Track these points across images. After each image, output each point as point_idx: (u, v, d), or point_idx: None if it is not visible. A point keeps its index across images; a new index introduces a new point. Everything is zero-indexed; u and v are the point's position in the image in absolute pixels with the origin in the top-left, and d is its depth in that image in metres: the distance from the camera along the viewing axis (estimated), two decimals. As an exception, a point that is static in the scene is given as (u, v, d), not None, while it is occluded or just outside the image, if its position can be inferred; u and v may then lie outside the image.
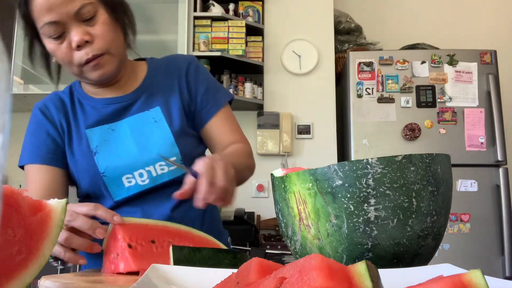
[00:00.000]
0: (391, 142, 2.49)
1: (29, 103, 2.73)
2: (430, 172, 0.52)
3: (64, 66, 0.99)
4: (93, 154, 0.98)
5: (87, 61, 0.93)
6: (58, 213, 0.45)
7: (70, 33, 0.91)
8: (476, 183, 2.42)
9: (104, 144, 0.99)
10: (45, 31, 0.91)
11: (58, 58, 0.95)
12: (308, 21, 2.89)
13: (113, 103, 1.03)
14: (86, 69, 0.95)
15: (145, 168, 0.97)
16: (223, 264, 0.66)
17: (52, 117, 1.03)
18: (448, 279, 0.29)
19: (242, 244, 2.21)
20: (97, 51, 0.93)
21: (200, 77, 1.09)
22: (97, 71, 0.95)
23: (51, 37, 0.91)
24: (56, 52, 0.93)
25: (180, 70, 1.08)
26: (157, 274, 0.43)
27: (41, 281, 0.51)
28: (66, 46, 0.92)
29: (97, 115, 1.02)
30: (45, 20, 0.89)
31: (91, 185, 0.98)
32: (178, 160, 0.99)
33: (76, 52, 0.92)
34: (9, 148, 0.24)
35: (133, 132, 1.00)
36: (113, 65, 0.97)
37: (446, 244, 2.37)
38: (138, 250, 0.67)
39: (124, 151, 0.98)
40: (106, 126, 1.01)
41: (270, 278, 0.32)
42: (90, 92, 1.06)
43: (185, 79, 1.07)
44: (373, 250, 0.51)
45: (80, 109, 1.04)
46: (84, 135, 1.00)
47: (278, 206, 0.59)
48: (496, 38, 3.18)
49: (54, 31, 0.90)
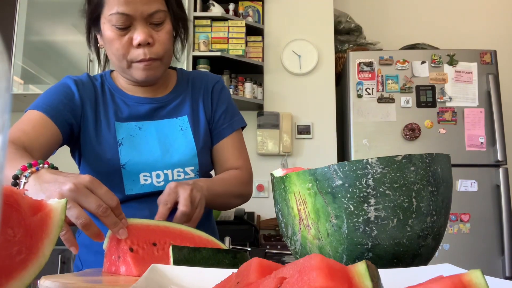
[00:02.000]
0: (391, 142, 2.49)
1: (29, 103, 2.73)
2: (430, 172, 0.52)
3: (112, 56, 0.99)
4: (118, 145, 0.99)
5: (141, 61, 0.96)
6: (58, 213, 0.45)
7: (136, 30, 0.94)
8: (476, 183, 2.42)
9: (130, 139, 1.01)
10: (113, 19, 0.93)
11: (113, 48, 0.96)
12: (308, 21, 2.89)
13: (145, 103, 1.05)
14: (135, 67, 0.97)
15: (163, 171, 1.00)
16: (223, 264, 0.65)
17: (83, 94, 1.03)
18: (448, 279, 0.29)
19: (242, 244, 2.21)
20: (154, 55, 0.96)
21: (222, 97, 1.14)
22: (146, 72, 0.98)
23: (115, 26, 0.93)
24: (114, 41, 0.95)
25: (207, 86, 1.13)
26: (157, 274, 0.43)
27: (41, 281, 0.51)
28: (127, 40, 0.94)
29: (127, 111, 1.04)
30: (119, 10, 0.92)
31: (107, 173, 0.98)
32: (196, 170, 1.03)
33: (135, 49, 0.95)
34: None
35: (159, 135, 1.03)
36: (160, 71, 1.01)
37: (446, 244, 2.37)
38: (139, 254, 0.67)
39: (148, 150, 1.00)
40: (134, 123, 1.03)
41: (270, 278, 0.32)
42: (122, 87, 1.08)
43: (210, 96, 1.12)
44: (373, 250, 0.51)
45: (110, 100, 1.05)
46: (113, 126, 1.01)
47: (278, 206, 0.59)
48: (496, 38, 3.18)
49: (122, 22, 0.93)
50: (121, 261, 0.66)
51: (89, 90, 1.04)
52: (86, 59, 2.56)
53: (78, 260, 1.03)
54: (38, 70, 2.64)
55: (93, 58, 2.57)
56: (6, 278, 0.38)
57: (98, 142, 1.00)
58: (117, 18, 0.93)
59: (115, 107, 1.04)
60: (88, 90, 1.04)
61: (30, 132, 0.91)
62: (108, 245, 0.70)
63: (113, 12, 0.92)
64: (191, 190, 0.83)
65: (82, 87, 1.04)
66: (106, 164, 0.98)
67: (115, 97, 1.06)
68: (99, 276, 0.63)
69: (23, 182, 0.69)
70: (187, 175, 1.03)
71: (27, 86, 2.58)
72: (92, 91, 1.05)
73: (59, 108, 0.97)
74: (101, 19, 0.97)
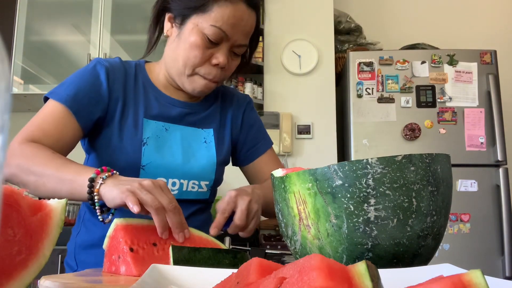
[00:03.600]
0: (391, 142, 2.49)
1: (29, 103, 2.73)
2: (430, 172, 0.52)
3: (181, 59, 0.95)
4: (142, 144, 0.96)
5: (207, 78, 0.96)
6: (58, 213, 0.45)
7: (221, 50, 0.94)
8: (476, 183, 2.42)
9: (155, 140, 0.98)
10: (210, 31, 0.91)
11: (191, 53, 0.93)
12: (308, 21, 2.89)
13: (176, 106, 1.03)
14: (197, 80, 0.97)
15: (180, 180, 0.99)
16: (223, 264, 0.65)
17: (113, 83, 0.98)
18: (448, 279, 0.29)
19: (242, 244, 2.20)
20: (219, 79, 0.98)
21: (255, 117, 1.18)
22: (200, 88, 0.97)
23: (207, 37, 0.92)
24: (196, 48, 0.93)
25: (239, 105, 1.14)
26: (157, 274, 0.43)
27: (41, 281, 0.51)
28: (208, 54, 0.94)
29: (158, 109, 1.01)
30: (222, 27, 0.91)
31: (122, 170, 0.93)
32: (209, 186, 1.04)
33: (210, 66, 0.95)
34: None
35: (183, 142, 1.01)
36: (210, 91, 1.01)
37: (446, 244, 2.37)
38: (139, 254, 0.67)
39: (170, 155, 0.98)
40: (161, 123, 1.00)
41: (270, 278, 0.32)
42: (157, 82, 1.04)
43: (241, 116, 1.14)
44: (373, 250, 0.51)
45: (142, 94, 1.02)
46: (141, 122, 0.98)
47: (278, 206, 0.59)
48: (496, 38, 3.18)
49: (216, 38, 0.92)
50: (121, 261, 0.66)
51: (120, 80, 0.99)
52: (86, 59, 2.56)
53: (73, 260, 1.00)
54: (38, 70, 2.64)
55: (93, 58, 2.57)
56: (6, 278, 0.38)
57: (120, 137, 0.96)
58: (216, 33, 0.92)
59: (146, 102, 1.01)
60: (119, 80, 0.99)
61: (51, 133, 0.89)
62: (109, 245, 0.70)
63: (216, 25, 0.91)
64: (249, 201, 0.84)
65: (113, 75, 0.98)
66: (125, 162, 0.94)
67: (148, 92, 1.02)
68: (99, 276, 0.63)
69: (100, 183, 0.74)
70: (201, 188, 1.02)
71: (27, 86, 2.58)
72: (123, 81, 1.00)
73: (83, 102, 0.92)
74: (194, 18, 0.93)
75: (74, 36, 2.69)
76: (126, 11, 2.70)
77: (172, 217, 0.71)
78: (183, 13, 0.95)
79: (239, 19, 0.92)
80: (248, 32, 0.96)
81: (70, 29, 2.69)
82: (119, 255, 0.67)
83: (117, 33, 2.67)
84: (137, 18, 2.76)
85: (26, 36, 2.62)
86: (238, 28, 0.93)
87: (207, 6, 0.91)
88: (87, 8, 2.62)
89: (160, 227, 0.70)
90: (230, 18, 0.91)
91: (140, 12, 2.74)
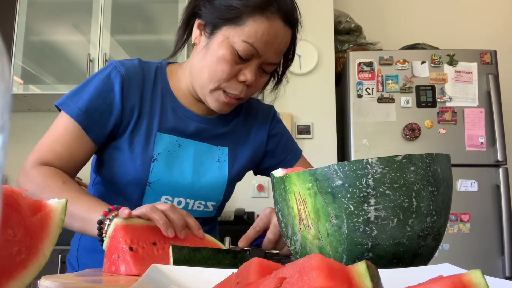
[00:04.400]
0: (391, 142, 2.49)
1: (29, 103, 2.73)
2: (430, 172, 0.52)
3: (207, 71, 0.89)
4: (151, 160, 0.92)
5: (228, 94, 0.90)
6: (58, 213, 0.45)
7: (249, 67, 0.88)
8: (476, 183, 2.42)
9: (166, 156, 0.93)
10: (241, 46, 0.85)
11: (219, 67, 0.87)
12: (308, 21, 2.87)
13: (194, 120, 0.98)
14: (219, 95, 0.91)
15: (186, 199, 0.96)
16: (223, 264, 0.65)
17: (128, 93, 0.92)
18: (448, 279, 0.29)
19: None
20: (244, 96, 0.92)
21: (282, 128, 1.13)
22: (224, 106, 0.93)
23: (237, 52, 0.86)
24: (225, 63, 0.86)
25: (264, 120, 1.10)
26: (157, 274, 0.43)
27: (41, 281, 0.51)
28: (236, 70, 0.88)
29: (174, 122, 0.96)
30: (255, 44, 0.85)
31: (128, 185, 0.92)
32: (216, 206, 1.02)
33: (236, 82, 0.89)
34: (9, 148, 0.24)
35: (195, 158, 0.97)
36: (231, 109, 0.96)
37: (446, 244, 2.37)
38: (139, 253, 0.67)
39: (180, 173, 0.94)
40: (176, 137, 0.95)
41: (270, 278, 0.32)
42: (177, 89, 0.99)
43: (268, 128, 1.09)
44: (373, 250, 0.51)
45: (159, 104, 0.96)
46: (154, 136, 0.93)
47: (278, 206, 0.59)
48: (496, 38, 3.18)
49: (246, 55, 0.86)
50: (120, 260, 0.66)
51: (136, 88, 0.93)
52: (86, 59, 2.56)
53: (75, 260, 1.00)
54: (38, 70, 2.64)
55: (93, 58, 2.57)
56: (6, 278, 0.38)
57: (130, 151, 0.91)
58: (247, 49, 0.85)
59: (162, 114, 0.95)
60: (134, 89, 0.93)
61: (63, 155, 0.88)
62: (109, 244, 0.70)
63: (247, 41, 0.85)
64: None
65: (128, 85, 0.92)
66: (132, 177, 0.91)
67: (166, 102, 0.96)
68: (99, 276, 0.63)
69: (107, 224, 0.74)
70: (207, 208, 1.00)
71: (27, 86, 2.58)
72: (140, 89, 0.94)
73: (94, 116, 0.89)
74: (226, 29, 0.87)
75: (74, 36, 2.69)
76: (126, 11, 2.70)
77: (171, 215, 0.72)
78: (214, 23, 0.88)
79: (273, 37, 0.86)
80: (281, 50, 0.90)
81: (70, 29, 2.69)
82: (119, 255, 0.67)
83: (117, 33, 2.67)
84: (137, 18, 2.76)
85: (26, 36, 2.62)
86: (272, 46, 0.87)
87: (241, 19, 0.85)
88: (87, 8, 2.62)
89: (163, 226, 0.71)
90: (264, 36, 0.85)
91: (140, 12, 2.74)
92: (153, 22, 2.77)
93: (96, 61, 2.56)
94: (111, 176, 0.94)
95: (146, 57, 1.08)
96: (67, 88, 2.58)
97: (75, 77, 2.61)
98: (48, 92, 2.58)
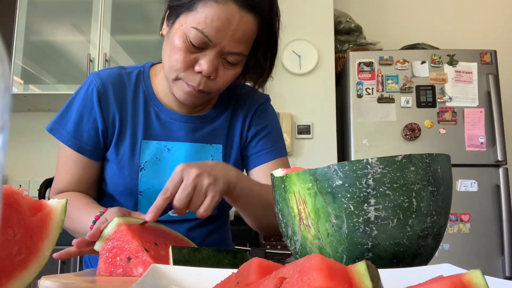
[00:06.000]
0: (391, 142, 2.49)
1: (29, 103, 2.73)
2: (430, 172, 0.52)
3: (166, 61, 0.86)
4: (139, 169, 0.91)
5: (190, 86, 0.85)
6: (58, 213, 0.45)
7: (206, 57, 0.82)
8: (476, 183, 2.42)
9: (154, 163, 0.91)
10: (192, 33, 0.80)
11: (173, 56, 0.83)
12: (308, 21, 2.88)
13: (179, 121, 0.95)
14: (180, 85, 0.86)
15: None
16: (223, 264, 0.65)
17: (107, 105, 0.92)
18: (448, 279, 0.29)
19: (242, 244, 2.20)
20: (207, 89, 0.85)
21: (265, 119, 1.03)
22: (186, 97, 0.87)
23: (189, 40, 0.81)
24: (177, 52, 0.82)
25: (250, 107, 1.02)
26: (157, 274, 0.43)
27: (41, 281, 0.51)
28: (191, 59, 0.82)
29: (159, 127, 0.93)
30: (204, 31, 0.79)
31: (121, 194, 0.93)
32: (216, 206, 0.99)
33: (193, 72, 0.83)
34: (9, 148, 0.24)
35: (187, 161, 0.93)
36: (203, 101, 0.91)
37: (446, 244, 2.37)
38: (151, 254, 0.65)
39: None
40: (164, 143, 0.93)
41: (270, 278, 0.32)
42: (159, 90, 0.96)
43: (250, 118, 1.01)
44: (373, 250, 0.51)
45: (142, 110, 0.94)
46: (139, 145, 0.91)
47: (278, 206, 0.59)
48: (496, 38, 3.18)
49: (198, 43, 0.80)
50: (133, 261, 0.64)
51: (114, 98, 0.92)
52: (86, 59, 2.56)
53: (87, 258, 1.03)
54: (38, 70, 2.64)
55: (93, 58, 2.57)
56: (6, 278, 0.38)
57: (117, 162, 0.91)
58: (197, 36, 0.80)
59: (146, 120, 0.93)
60: (113, 99, 0.92)
61: (72, 181, 0.93)
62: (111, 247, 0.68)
63: (197, 28, 0.79)
64: (197, 175, 0.70)
65: (105, 96, 0.92)
66: (123, 187, 0.91)
67: (148, 107, 0.94)
68: (99, 276, 0.63)
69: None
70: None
71: (27, 86, 2.58)
72: (119, 98, 0.93)
73: (83, 137, 0.91)
74: (181, 17, 0.82)
75: (74, 36, 2.69)
76: (126, 11, 2.70)
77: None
78: (173, 11, 0.85)
79: (225, 23, 0.79)
80: (239, 38, 0.81)
81: (70, 29, 2.69)
82: (129, 256, 0.64)
83: (117, 33, 2.67)
84: (137, 18, 2.76)
85: (26, 36, 2.62)
86: (226, 33, 0.79)
87: (193, 5, 0.80)
88: (87, 8, 2.62)
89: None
90: (214, 21, 0.78)
91: (140, 12, 2.74)
92: (153, 22, 2.77)
93: (96, 61, 2.56)
94: (106, 187, 0.95)
95: (146, 57, 1.08)
96: (67, 88, 2.59)
97: (75, 77, 2.61)
98: (48, 92, 2.58)
